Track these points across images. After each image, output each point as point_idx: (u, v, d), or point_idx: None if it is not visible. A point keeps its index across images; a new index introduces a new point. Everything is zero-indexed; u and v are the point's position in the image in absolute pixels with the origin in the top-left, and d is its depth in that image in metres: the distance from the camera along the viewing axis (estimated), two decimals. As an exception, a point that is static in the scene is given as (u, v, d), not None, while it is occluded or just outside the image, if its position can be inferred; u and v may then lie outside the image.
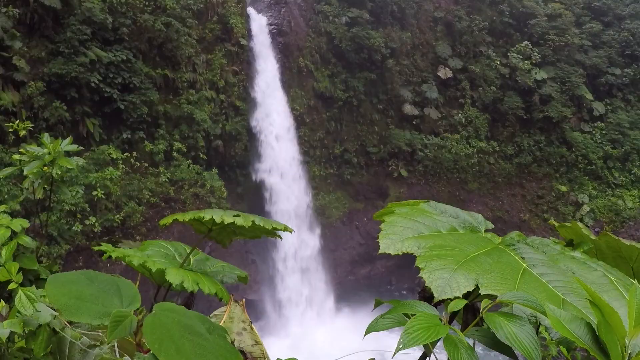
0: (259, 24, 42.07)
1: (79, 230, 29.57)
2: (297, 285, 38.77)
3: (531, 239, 2.33)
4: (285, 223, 2.89)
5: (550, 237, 2.45)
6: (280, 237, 3.02)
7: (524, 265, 2.02)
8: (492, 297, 1.87)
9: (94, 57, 31.79)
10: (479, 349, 2.03)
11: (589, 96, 50.16)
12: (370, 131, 46.08)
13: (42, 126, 29.89)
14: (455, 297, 1.85)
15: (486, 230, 2.46)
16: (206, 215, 2.73)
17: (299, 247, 39.78)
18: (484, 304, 1.86)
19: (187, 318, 1.86)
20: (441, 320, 1.83)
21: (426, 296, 2.08)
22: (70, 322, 2.65)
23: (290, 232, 2.95)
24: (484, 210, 45.56)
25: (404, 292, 42.18)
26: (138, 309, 1.92)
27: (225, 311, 2.90)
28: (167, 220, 2.92)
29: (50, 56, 31.52)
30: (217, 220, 2.71)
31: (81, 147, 5.92)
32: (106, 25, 32.72)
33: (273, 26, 42.47)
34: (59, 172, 5.23)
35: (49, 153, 5.16)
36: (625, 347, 1.68)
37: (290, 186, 40.72)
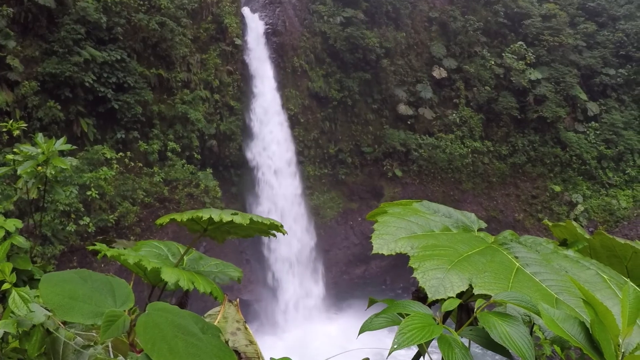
0: (253, 23, 42.02)
1: (73, 230, 29.51)
2: (292, 284, 38.75)
3: (524, 238, 2.33)
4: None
5: (544, 237, 2.45)
6: (275, 236, 3.02)
7: (517, 264, 2.02)
8: (486, 297, 1.87)
9: (88, 56, 31.73)
10: (478, 349, 2.04)
11: (583, 96, 50.30)
12: (364, 131, 46.09)
13: (36, 126, 29.85)
14: (449, 297, 1.85)
15: (479, 230, 2.46)
16: (204, 214, 2.73)
17: (301, 297, 39.35)
18: (478, 304, 1.86)
19: (181, 318, 1.86)
20: (435, 320, 1.83)
21: (420, 296, 2.08)
22: (64, 323, 2.64)
23: (284, 233, 2.95)
24: (479, 210, 45.63)
25: (399, 292, 42.21)
26: (131, 308, 1.92)
27: (219, 311, 2.90)
28: (164, 220, 2.92)
29: (44, 56, 31.46)
30: (216, 219, 2.71)
31: (75, 147, 5.91)
32: (100, 24, 32.66)
33: (268, 26, 42.44)
34: (53, 172, 5.22)
35: (43, 153, 5.15)
36: (618, 345, 1.69)
37: (291, 227, 39.81)
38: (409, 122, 47.30)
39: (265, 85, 40.72)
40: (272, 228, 2.86)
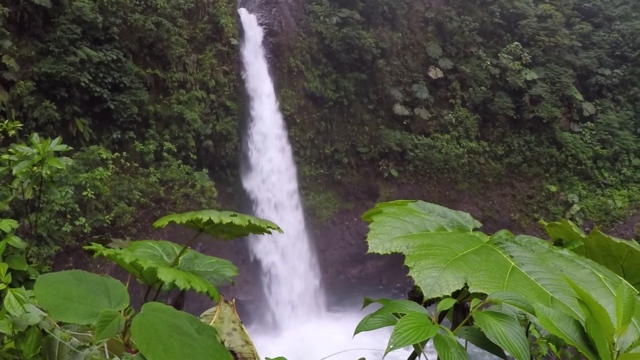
0: (249, 23, 42.00)
1: (68, 230, 29.46)
2: (288, 285, 38.69)
3: (519, 238, 2.34)
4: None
5: (539, 237, 2.46)
6: (270, 232, 3.01)
7: (513, 263, 2.02)
8: (481, 296, 1.87)
9: (84, 56, 31.69)
10: (476, 349, 2.04)
11: (579, 97, 50.41)
12: (360, 131, 46.12)
13: (31, 126, 29.79)
14: (445, 296, 1.85)
15: (474, 229, 2.46)
16: (204, 216, 2.73)
17: (297, 298, 38.87)
18: (473, 303, 1.86)
19: (176, 318, 1.86)
20: (431, 319, 1.84)
21: (416, 296, 2.08)
22: (60, 323, 2.64)
23: (281, 232, 2.95)
24: (475, 210, 45.69)
25: (395, 292, 42.22)
26: (126, 309, 1.92)
27: (215, 311, 2.89)
28: (163, 222, 2.92)
29: (40, 55, 31.41)
30: (215, 221, 2.72)
31: (71, 147, 5.90)
32: (96, 24, 32.63)
33: (264, 26, 42.42)
34: (49, 172, 5.22)
35: (39, 153, 5.14)
36: (613, 344, 1.69)
37: (294, 265, 39.02)
38: (404, 123, 47.33)
39: (263, 87, 40.73)
40: (269, 228, 2.86)
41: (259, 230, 2.90)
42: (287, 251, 39.18)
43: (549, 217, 45.55)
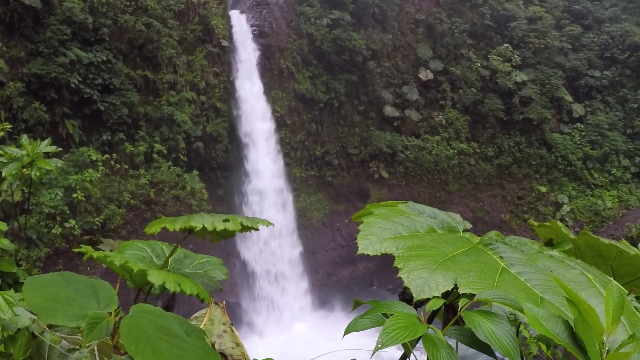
0: (240, 25, 41.95)
1: (58, 233, 29.34)
2: (278, 287, 38.68)
3: (509, 239, 2.34)
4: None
5: (530, 238, 2.46)
6: (257, 229, 3.00)
7: (502, 264, 2.03)
8: (472, 297, 1.87)
9: (74, 57, 31.58)
10: (470, 351, 2.04)
11: (569, 98, 50.67)
12: (351, 133, 46.16)
13: (21, 127, 29.66)
14: (434, 297, 1.85)
15: (464, 230, 2.47)
16: (197, 224, 2.72)
17: (287, 300, 38.78)
18: (462, 303, 1.87)
19: (165, 320, 1.85)
20: (420, 319, 1.84)
21: (407, 297, 2.08)
22: (50, 326, 2.63)
23: (271, 225, 2.94)
24: (465, 211, 45.80)
25: (386, 293, 42.24)
26: (115, 310, 1.91)
27: (205, 314, 2.88)
28: (156, 229, 2.90)
29: (29, 56, 31.29)
30: (209, 228, 2.70)
31: (60, 149, 5.88)
32: (86, 25, 32.53)
33: (254, 27, 42.39)
34: (38, 174, 5.19)
35: (28, 155, 5.12)
36: (603, 343, 1.70)
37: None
38: (395, 124, 47.41)
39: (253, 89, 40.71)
40: (259, 225, 2.86)
41: (247, 229, 2.89)
42: (277, 253, 39.16)
43: (539, 217, 45.73)
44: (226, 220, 2.74)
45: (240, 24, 41.91)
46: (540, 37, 51.66)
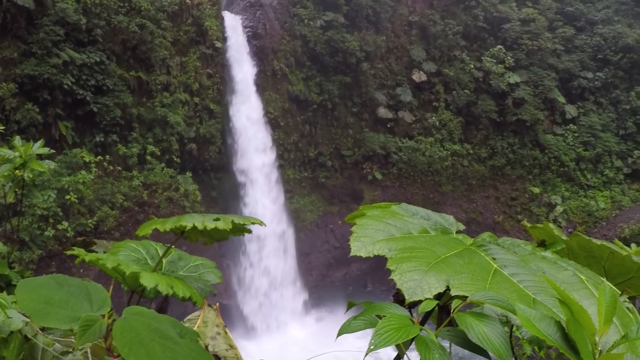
0: (233, 26, 41.91)
1: (51, 235, 29.25)
2: (272, 288, 38.63)
3: (502, 240, 2.35)
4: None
5: (523, 239, 2.47)
6: (250, 232, 3.00)
7: (495, 265, 2.03)
8: (464, 298, 1.88)
9: (67, 58, 31.50)
10: (465, 352, 2.04)
11: (562, 99, 50.82)
12: (344, 134, 46.16)
13: (13, 129, 29.56)
14: (427, 299, 1.86)
15: (457, 232, 2.47)
16: (187, 223, 2.71)
17: (281, 302, 38.18)
18: (454, 304, 1.87)
19: (158, 322, 1.85)
20: (413, 321, 1.84)
21: (400, 299, 2.08)
22: (43, 329, 2.62)
23: (263, 225, 2.94)
24: (458, 212, 45.87)
25: (380, 294, 42.26)
26: (108, 313, 1.91)
27: (199, 316, 2.88)
28: (147, 231, 2.89)
29: (22, 57, 31.19)
30: (200, 227, 2.70)
31: (53, 150, 5.86)
32: (80, 26, 32.46)
33: (248, 29, 42.36)
34: (31, 176, 5.18)
35: (21, 156, 5.11)
36: (595, 344, 1.71)
37: None
38: (388, 125, 47.44)
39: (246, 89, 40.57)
40: (253, 224, 2.85)
41: (239, 230, 2.89)
42: (271, 254, 39.08)
43: (532, 218, 45.85)
44: (217, 220, 2.74)
45: (233, 26, 41.85)
46: (533, 39, 51.81)
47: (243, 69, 40.63)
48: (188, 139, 37.36)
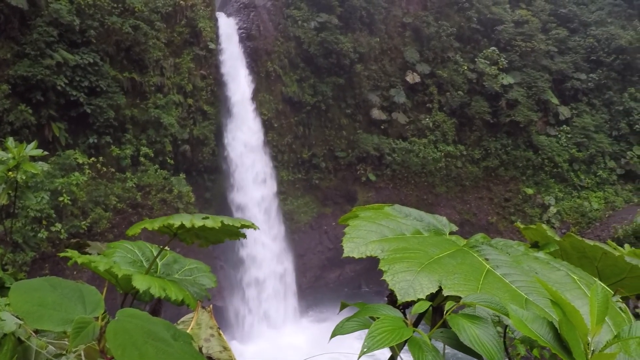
0: (227, 27, 41.88)
1: (44, 237, 29.14)
2: (266, 290, 38.55)
3: (495, 241, 2.35)
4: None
5: (516, 240, 2.48)
6: (245, 237, 3.00)
7: (488, 266, 2.04)
8: (457, 299, 1.88)
9: (61, 59, 31.41)
10: (460, 353, 2.05)
11: (555, 101, 50.97)
12: (338, 136, 46.16)
13: (6, 130, 29.47)
14: (419, 299, 1.86)
15: (451, 233, 2.48)
16: (175, 221, 2.71)
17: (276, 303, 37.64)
18: (447, 306, 1.88)
19: (151, 324, 1.85)
20: (406, 322, 1.84)
21: (394, 300, 2.08)
22: (36, 331, 2.61)
23: (256, 229, 2.94)
24: (452, 213, 45.94)
25: (374, 295, 42.29)
26: (102, 315, 1.91)
27: (192, 318, 2.88)
28: (136, 230, 2.90)
29: (15, 58, 31.09)
30: (187, 225, 2.70)
31: (46, 152, 5.85)
32: (73, 27, 32.38)
33: (242, 30, 42.33)
34: (24, 177, 5.16)
35: (14, 158, 5.09)
36: (588, 344, 1.71)
37: None
38: (382, 127, 47.48)
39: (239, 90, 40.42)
40: (244, 227, 2.85)
41: (234, 234, 2.89)
42: (265, 256, 38.99)
43: (526, 219, 45.95)
44: (205, 218, 2.74)
45: (227, 27, 41.82)
46: (527, 41, 51.96)
47: (240, 88, 40.09)
48: (182, 141, 37.30)
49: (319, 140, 45.49)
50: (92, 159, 33.00)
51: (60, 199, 30.04)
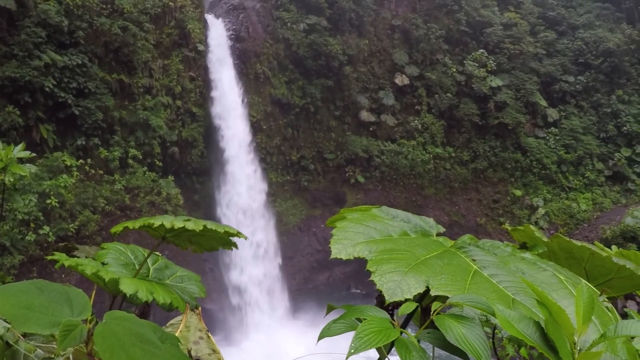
0: (216, 29, 41.82)
1: (32, 240, 28.95)
2: (255, 293, 38.47)
3: (482, 242, 2.36)
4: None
5: (504, 241, 2.50)
6: (237, 247, 3.01)
7: (475, 267, 2.04)
8: (445, 299, 1.89)
9: (49, 60, 31.25)
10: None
11: (543, 103, 51.23)
12: (327, 138, 46.18)
13: (-6, 132, 29.32)
14: (407, 299, 1.87)
15: (438, 234, 2.49)
16: (156, 221, 2.71)
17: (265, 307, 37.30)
18: (434, 306, 1.88)
19: (139, 326, 1.84)
20: (393, 324, 1.85)
21: (383, 301, 2.09)
22: (24, 335, 2.60)
23: (245, 238, 2.94)
24: (441, 215, 46.04)
25: (364, 297, 42.27)
26: (89, 317, 1.90)
27: (181, 320, 2.87)
28: (118, 228, 2.89)
29: (3, 59, 30.91)
30: (167, 226, 2.69)
31: (34, 154, 5.82)
32: (62, 28, 32.23)
33: (231, 32, 42.27)
34: (12, 180, 5.13)
35: (1, 160, 5.06)
36: (574, 343, 1.72)
37: None
38: (371, 129, 47.56)
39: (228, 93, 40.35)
40: (229, 235, 2.85)
41: (226, 242, 2.90)
42: (255, 259, 38.90)
43: (514, 220, 46.13)
44: (187, 220, 2.73)
45: (216, 29, 41.76)
46: (515, 43, 52.21)
47: (232, 127, 39.98)
48: (170, 143, 37.18)
49: (308, 142, 45.48)
50: (80, 161, 32.84)
51: (48, 201, 29.87)
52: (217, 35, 41.49)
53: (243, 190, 39.43)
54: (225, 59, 41.20)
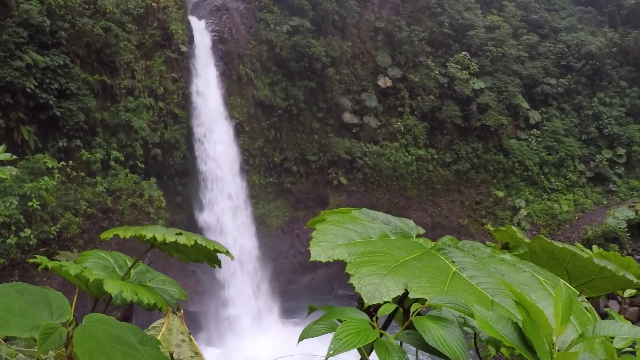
0: (199, 30, 41.73)
1: (13, 243, 28.68)
2: (238, 295, 38.33)
3: (462, 243, 2.38)
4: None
5: (487, 242, 2.51)
6: (220, 266, 3.02)
7: (454, 268, 2.06)
8: (424, 301, 1.90)
9: (30, 61, 30.99)
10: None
11: (525, 105, 51.59)
12: (310, 139, 46.17)
13: (-26, 134, 29.04)
14: (385, 302, 1.87)
15: (418, 236, 2.50)
16: (147, 233, 2.70)
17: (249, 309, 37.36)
18: (413, 308, 1.89)
19: (118, 329, 1.84)
20: (372, 325, 1.86)
21: (364, 303, 2.10)
22: (6, 339, 2.59)
23: (232, 258, 2.96)
24: (424, 216, 46.19)
25: (348, 299, 42.33)
26: (69, 320, 1.89)
27: (163, 323, 2.87)
28: (108, 235, 2.88)
29: (-16, 60, 30.65)
30: (159, 239, 2.69)
31: (15, 156, 5.77)
32: (44, 28, 31.98)
33: (214, 33, 42.19)
34: (-9, 182, 5.09)
35: (-20, 162, 5.02)
36: (553, 343, 1.74)
37: None
38: (354, 131, 47.62)
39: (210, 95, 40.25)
40: (217, 252, 2.86)
41: (211, 259, 2.90)
42: (237, 261, 38.78)
43: (497, 221, 46.39)
44: (179, 234, 2.73)
45: (199, 30, 41.68)
46: (498, 46, 52.56)
47: (215, 129, 39.87)
48: (152, 144, 37.00)
49: (291, 144, 45.45)
50: (62, 163, 32.58)
51: (30, 204, 29.62)
52: (200, 37, 41.40)
53: (226, 193, 39.38)
54: (208, 60, 41.12)
